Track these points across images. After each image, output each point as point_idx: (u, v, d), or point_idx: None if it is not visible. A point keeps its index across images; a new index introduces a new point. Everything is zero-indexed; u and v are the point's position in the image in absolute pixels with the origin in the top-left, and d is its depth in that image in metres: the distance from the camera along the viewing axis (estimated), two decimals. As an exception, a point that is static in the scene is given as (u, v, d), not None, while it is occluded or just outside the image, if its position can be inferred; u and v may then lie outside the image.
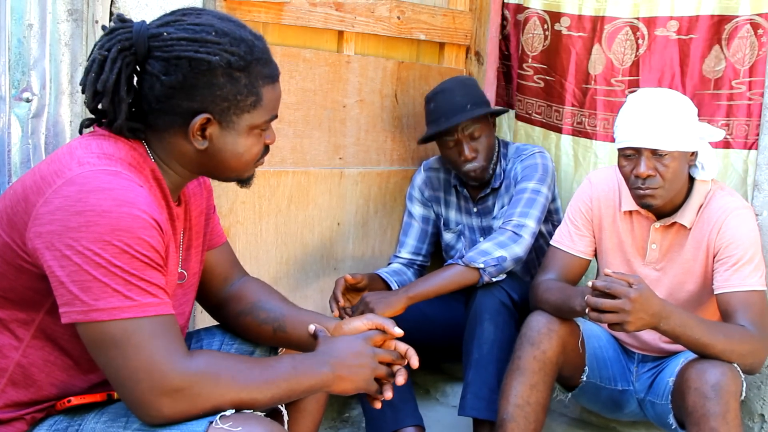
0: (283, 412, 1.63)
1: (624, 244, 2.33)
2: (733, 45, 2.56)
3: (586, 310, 1.94)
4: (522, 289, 2.53)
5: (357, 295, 2.52)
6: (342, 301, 2.46)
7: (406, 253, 2.86)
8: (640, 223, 2.30)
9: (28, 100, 1.95)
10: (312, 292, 2.77)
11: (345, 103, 2.79)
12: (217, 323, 1.82)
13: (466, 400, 2.41)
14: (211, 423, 1.29)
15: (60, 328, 1.38)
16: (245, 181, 1.59)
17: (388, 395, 1.56)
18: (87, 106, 1.45)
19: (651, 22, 2.75)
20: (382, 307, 2.35)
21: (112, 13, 2.06)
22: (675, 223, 2.23)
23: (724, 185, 2.28)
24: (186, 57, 1.39)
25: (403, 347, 1.62)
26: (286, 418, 1.63)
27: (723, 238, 2.15)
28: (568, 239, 2.39)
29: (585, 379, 2.33)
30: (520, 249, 2.49)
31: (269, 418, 1.39)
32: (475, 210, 2.81)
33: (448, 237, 2.88)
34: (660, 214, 2.25)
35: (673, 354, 2.32)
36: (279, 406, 1.54)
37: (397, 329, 1.61)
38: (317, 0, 2.62)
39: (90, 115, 1.49)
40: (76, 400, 1.45)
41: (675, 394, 2.12)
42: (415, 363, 1.61)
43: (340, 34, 2.76)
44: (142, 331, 1.28)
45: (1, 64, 1.89)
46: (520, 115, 3.17)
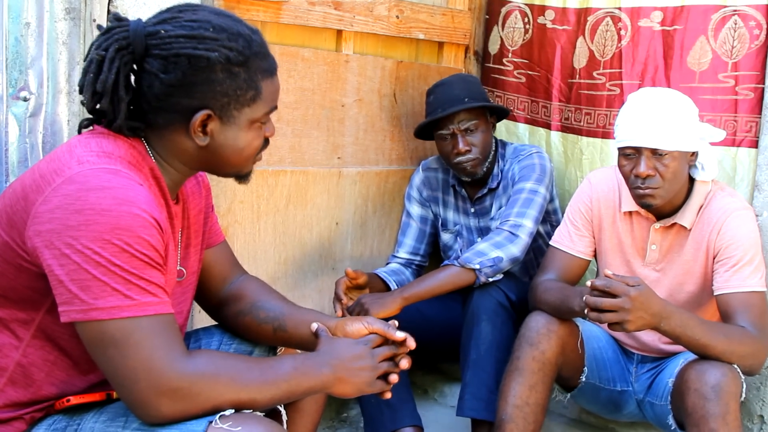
0: (282, 412, 1.63)
1: (624, 245, 2.33)
2: (720, 36, 2.51)
3: (586, 310, 1.94)
4: (519, 289, 2.53)
5: (358, 293, 2.52)
6: (345, 299, 2.45)
7: (404, 253, 2.86)
8: (640, 223, 2.30)
9: (25, 99, 1.94)
10: (310, 291, 2.76)
11: (343, 103, 2.78)
12: (216, 323, 1.81)
13: (464, 401, 2.41)
14: (211, 423, 1.29)
15: (60, 328, 1.38)
16: (244, 177, 1.58)
17: (394, 379, 1.56)
18: (86, 106, 1.44)
19: (634, 12, 2.69)
20: (377, 308, 2.35)
21: (110, 12, 2.05)
22: (675, 223, 2.23)
23: (725, 186, 2.27)
24: (185, 54, 1.38)
25: (401, 336, 1.60)
26: (284, 418, 1.64)
27: (723, 239, 2.15)
28: (567, 239, 2.38)
29: (584, 379, 2.33)
30: (517, 249, 2.49)
31: (268, 418, 1.39)
32: (472, 210, 2.80)
33: (446, 237, 2.87)
34: (660, 214, 2.24)
35: (672, 355, 2.31)
36: (278, 406, 1.54)
37: (400, 333, 1.60)
38: (316, -1, 2.62)
39: (88, 115, 1.48)
40: (75, 400, 1.44)
41: (674, 395, 2.12)
42: (412, 344, 1.60)
43: (339, 33, 2.76)
44: (142, 330, 1.28)
45: (-2, 63, 1.89)
46: None
